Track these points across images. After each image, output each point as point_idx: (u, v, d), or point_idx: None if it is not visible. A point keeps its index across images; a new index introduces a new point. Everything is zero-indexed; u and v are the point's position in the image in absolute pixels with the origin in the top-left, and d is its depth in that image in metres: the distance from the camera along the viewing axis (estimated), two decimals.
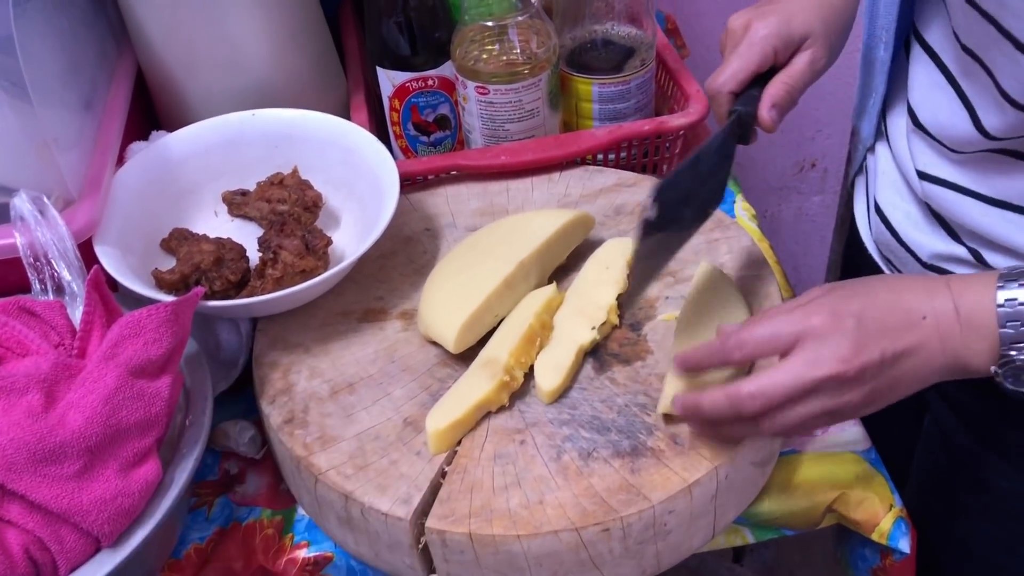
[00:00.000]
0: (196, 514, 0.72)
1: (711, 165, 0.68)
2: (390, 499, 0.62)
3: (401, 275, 0.79)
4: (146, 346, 0.61)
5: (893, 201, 0.75)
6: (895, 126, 0.74)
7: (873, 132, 0.78)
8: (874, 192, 0.78)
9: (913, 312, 0.56)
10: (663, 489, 0.61)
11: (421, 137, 0.94)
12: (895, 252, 0.75)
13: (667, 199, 0.61)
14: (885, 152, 0.77)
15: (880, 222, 0.76)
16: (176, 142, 0.83)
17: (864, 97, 0.78)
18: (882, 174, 0.76)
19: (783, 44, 0.70)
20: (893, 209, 0.75)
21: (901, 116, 0.73)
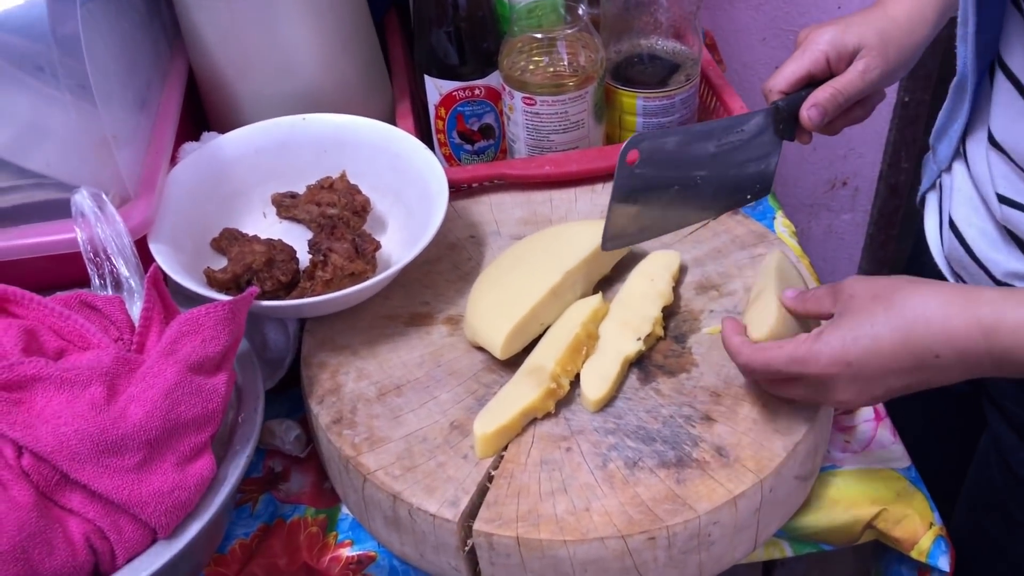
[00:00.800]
0: (241, 510, 0.73)
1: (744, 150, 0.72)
2: (438, 501, 0.63)
3: (446, 281, 0.80)
4: (204, 343, 0.62)
5: (968, 218, 0.76)
6: (975, 149, 0.75)
7: (951, 154, 0.80)
8: (948, 208, 0.80)
9: (922, 353, 0.56)
10: (708, 500, 0.61)
11: (465, 145, 0.95)
12: (967, 268, 0.77)
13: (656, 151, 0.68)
14: (962, 171, 0.78)
15: (954, 238, 0.78)
16: (228, 144, 0.84)
17: (949, 121, 0.79)
18: (958, 191, 0.78)
19: (836, 52, 0.73)
20: (968, 226, 0.76)
21: (981, 140, 0.74)
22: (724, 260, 0.79)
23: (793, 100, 0.73)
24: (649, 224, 0.73)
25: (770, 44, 1.38)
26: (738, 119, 0.73)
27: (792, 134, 0.75)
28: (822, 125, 0.73)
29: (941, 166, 0.83)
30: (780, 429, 0.65)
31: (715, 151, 0.72)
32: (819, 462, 0.70)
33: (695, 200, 0.74)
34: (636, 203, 0.70)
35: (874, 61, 0.73)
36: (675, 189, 0.71)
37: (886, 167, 1.53)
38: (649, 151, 0.68)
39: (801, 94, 0.73)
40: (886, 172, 1.53)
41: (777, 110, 0.73)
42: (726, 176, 0.73)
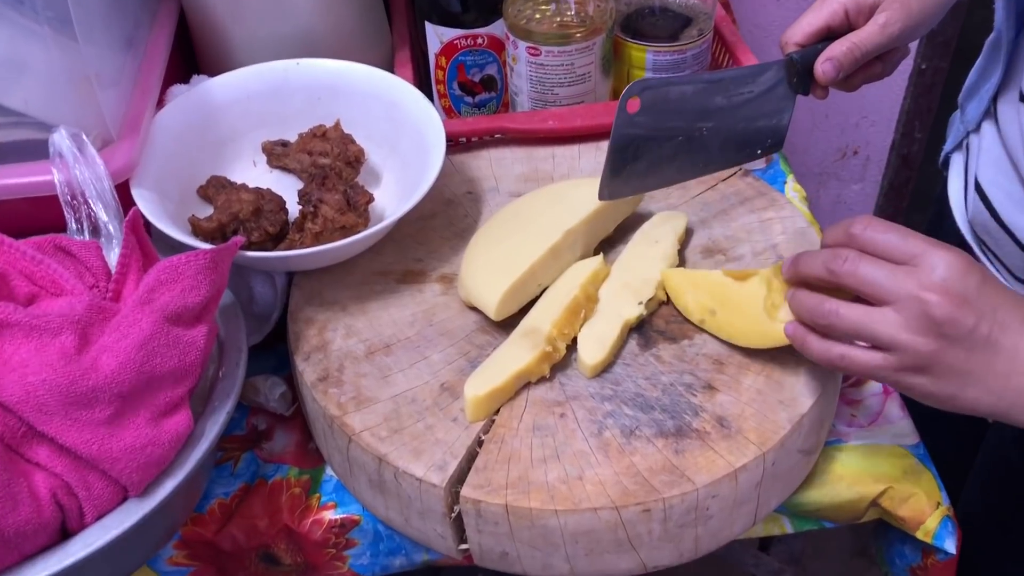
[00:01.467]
0: (221, 469, 0.70)
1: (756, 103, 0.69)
2: (425, 464, 0.60)
3: (441, 238, 0.77)
4: (183, 293, 0.59)
5: (996, 180, 0.73)
6: (1006, 109, 0.72)
7: (980, 114, 0.77)
8: (975, 169, 0.76)
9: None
10: (707, 472, 0.59)
11: (466, 97, 0.91)
12: (992, 233, 0.74)
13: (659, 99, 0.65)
14: (991, 132, 0.75)
15: (979, 200, 0.75)
16: (218, 87, 0.81)
17: (981, 79, 0.76)
18: (986, 152, 0.75)
19: (855, 5, 0.69)
20: (995, 188, 0.73)
21: (1012, 99, 0.71)
22: (731, 223, 0.76)
23: (808, 53, 0.70)
24: (649, 176, 0.70)
25: (785, 6, 1.33)
26: (750, 70, 0.69)
27: (807, 88, 0.71)
28: (838, 80, 0.69)
29: (969, 126, 0.79)
30: (785, 400, 0.62)
31: (724, 103, 0.68)
32: (824, 436, 0.67)
33: (700, 153, 0.70)
34: (636, 153, 0.67)
35: (896, 14, 0.68)
36: (679, 140, 0.68)
37: (899, 137, 1.49)
38: (651, 99, 0.65)
39: (817, 47, 0.69)
40: (899, 142, 1.49)
41: (791, 63, 0.70)
42: (735, 129, 0.70)
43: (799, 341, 0.58)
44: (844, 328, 0.54)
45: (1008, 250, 0.71)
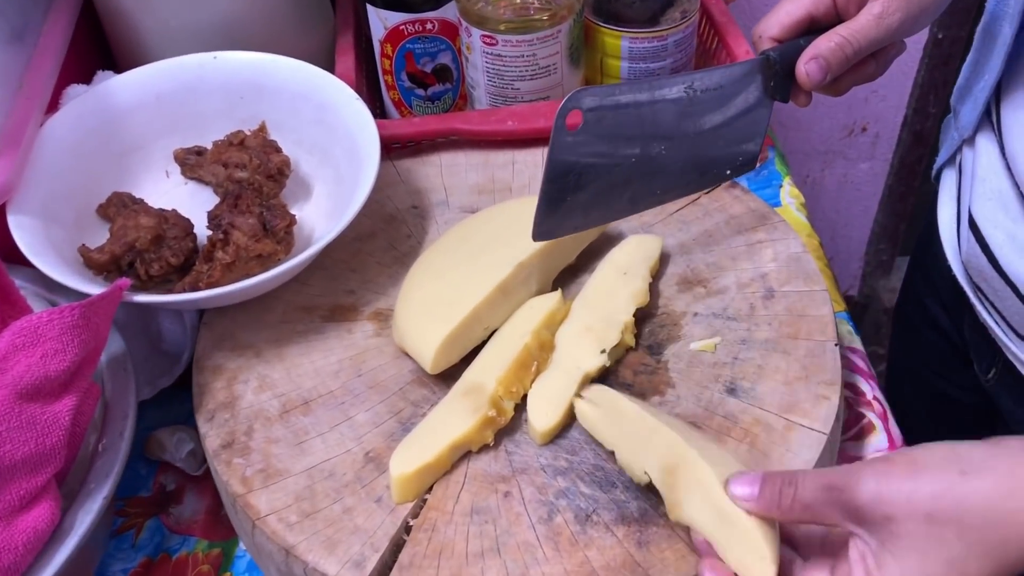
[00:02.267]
0: (122, 539, 0.61)
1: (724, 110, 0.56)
2: (339, 560, 0.50)
3: (379, 264, 0.66)
4: (44, 360, 0.49)
5: (994, 217, 0.60)
6: (1013, 116, 0.60)
7: (975, 120, 0.64)
8: (968, 200, 0.64)
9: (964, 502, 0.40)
10: (676, 571, 0.49)
11: (417, 90, 0.80)
12: (989, 280, 0.61)
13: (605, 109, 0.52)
14: (990, 151, 0.62)
15: (974, 240, 0.62)
16: (121, 88, 0.70)
17: (973, 76, 0.63)
18: (982, 181, 0.62)
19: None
20: (993, 228, 0.60)
21: (1020, 110, 0.59)
22: (715, 248, 0.65)
23: (788, 50, 0.58)
24: (595, 209, 0.57)
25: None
26: (716, 73, 0.57)
27: (786, 94, 0.59)
28: (824, 83, 0.58)
29: (964, 133, 0.67)
30: None
31: (686, 114, 0.56)
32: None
33: (658, 178, 0.58)
34: (578, 181, 0.54)
35: (894, 3, 0.56)
36: (631, 163, 0.56)
37: (911, 112, 1.37)
38: (596, 113, 0.53)
39: (799, 43, 0.58)
40: (911, 118, 1.37)
41: (768, 62, 0.58)
42: (699, 145, 0.58)
43: None
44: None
45: (1009, 303, 0.59)
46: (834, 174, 1.45)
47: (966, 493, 0.39)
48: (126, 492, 0.63)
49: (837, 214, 1.51)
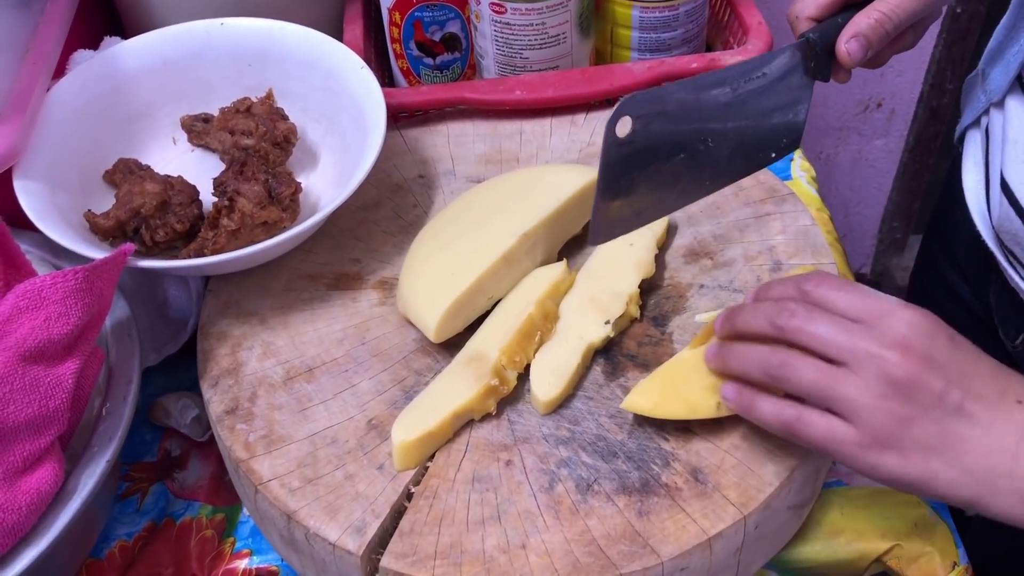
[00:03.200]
0: (127, 503, 0.61)
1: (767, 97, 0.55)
2: (340, 526, 0.50)
3: (384, 233, 0.66)
4: (47, 323, 0.49)
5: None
6: None
7: (1006, 85, 0.63)
8: (1000, 163, 0.63)
9: (1012, 389, 0.44)
10: (676, 541, 0.49)
11: (425, 59, 0.80)
12: (1022, 242, 0.61)
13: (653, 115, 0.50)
14: (1021, 113, 0.61)
15: (1007, 202, 0.61)
16: (128, 53, 0.69)
17: (1007, 40, 0.62)
18: (1013, 143, 0.61)
19: None
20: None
21: None
22: (723, 219, 0.64)
23: (828, 30, 0.57)
24: (648, 207, 0.56)
25: None
26: (757, 61, 0.56)
27: (827, 73, 0.58)
28: (864, 60, 0.57)
29: (992, 96, 0.66)
30: (773, 448, 0.52)
31: (730, 105, 0.55)
32: (820, 483, 0.57)
33: (707, 169, 0.57)
34: (630, 184, 0.53)
35: None
36: (680, 159, 0.55)
37: (928, 88, 1.35)
38: (645, 118, 0.50)
39: (837, 20, 0.57)
40: (927, 94, 1.35)
41: (808, 44, 0.57)
42: (744, 133, 0.57)
43: (744, 403, 0.49)
44: (798, 384, 0.46)
45: None
46: (848, 150, 1.44)
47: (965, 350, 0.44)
48: (131, 457, 0.64)
49: (851, 191, 1.50)
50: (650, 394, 0.52)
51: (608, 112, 0.72)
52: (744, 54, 0.74)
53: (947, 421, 0.43)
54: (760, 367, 0.47)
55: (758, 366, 0.47)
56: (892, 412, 0.43)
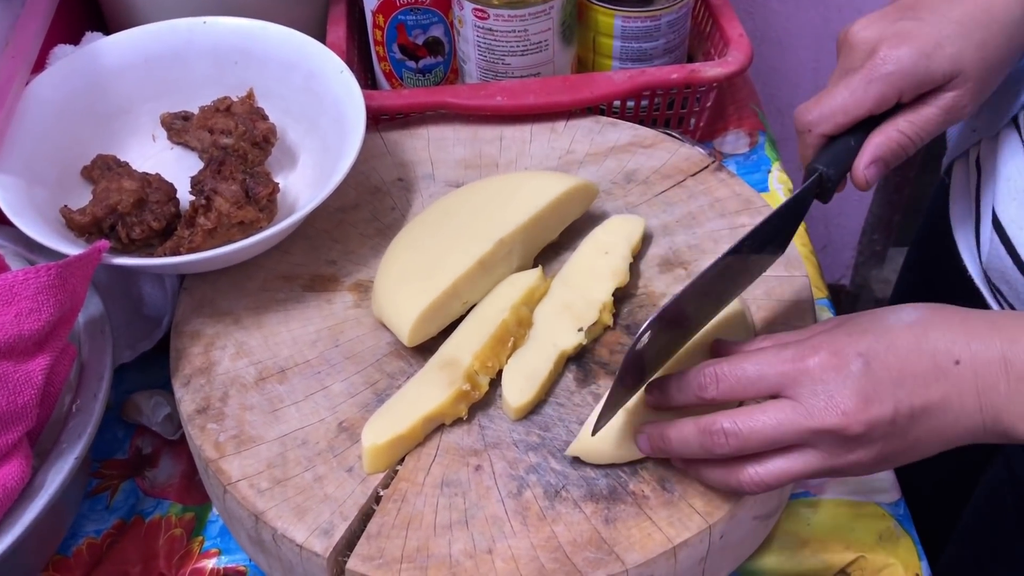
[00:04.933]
0: (96, 500, 0.61)
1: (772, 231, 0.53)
2: (307, 527, 0.50)
3: (361, 235, 0.66)
4: (18, 319, 0.49)
5: (1020, 219, 0.58)
6: None
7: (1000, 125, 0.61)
8: (991, 200, 0.61)
9: (941, 356, 0.44)
10: (641, 549, 0.49)
11: (408, 62, 0.80)
12: (1012, 283, 0.60)
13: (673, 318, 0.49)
14: (1015, 149, 0.59)
15: (997, 239, 0.60)
16: (109, 49, 0.69)
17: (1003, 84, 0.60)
18: (1006, 180, 0.60)
19: (914, 85, 0.52)
20: (1019, 229, 0.58)
21: None
22: (698, 230, 0.65)
23: (840, 158, 0.53)
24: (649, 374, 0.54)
25: None
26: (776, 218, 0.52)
27: (828, 197, 0.55)
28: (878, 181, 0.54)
29: (983, 132, 0.64)
30: None
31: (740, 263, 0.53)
32: (787, 495, 0.58)
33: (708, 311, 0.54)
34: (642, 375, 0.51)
35: (966, 95, 0.51)
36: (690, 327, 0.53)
37: None
38: (664, 323, 0.48)
39: (850, 144, 0.53)
40: None
41: (821, 180, 0.53)
42: (744, 274, 0.55)
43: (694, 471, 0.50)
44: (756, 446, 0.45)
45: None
46: None
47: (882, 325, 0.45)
48: (102, 454, 0.63)
49: (832, 203, 1.50)
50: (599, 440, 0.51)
51: (587, 119, 0.73)
52: (724, 67, 0.74)
53: (915, 425, 0.43)
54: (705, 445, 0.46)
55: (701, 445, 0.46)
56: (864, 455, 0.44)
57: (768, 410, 0.44)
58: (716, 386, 0.46)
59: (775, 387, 0.45)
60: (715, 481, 0.48)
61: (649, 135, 0.72)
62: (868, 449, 0.43)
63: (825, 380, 0.43)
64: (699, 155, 0.70)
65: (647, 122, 0.76)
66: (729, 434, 0.45)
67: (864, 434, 0.43)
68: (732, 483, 0.47)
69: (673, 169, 0.69)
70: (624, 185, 0.68)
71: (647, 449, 0.50)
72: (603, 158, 0.70)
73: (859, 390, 0.43)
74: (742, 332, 0.56)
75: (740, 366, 0.46)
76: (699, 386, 0.47)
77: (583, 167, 0.70)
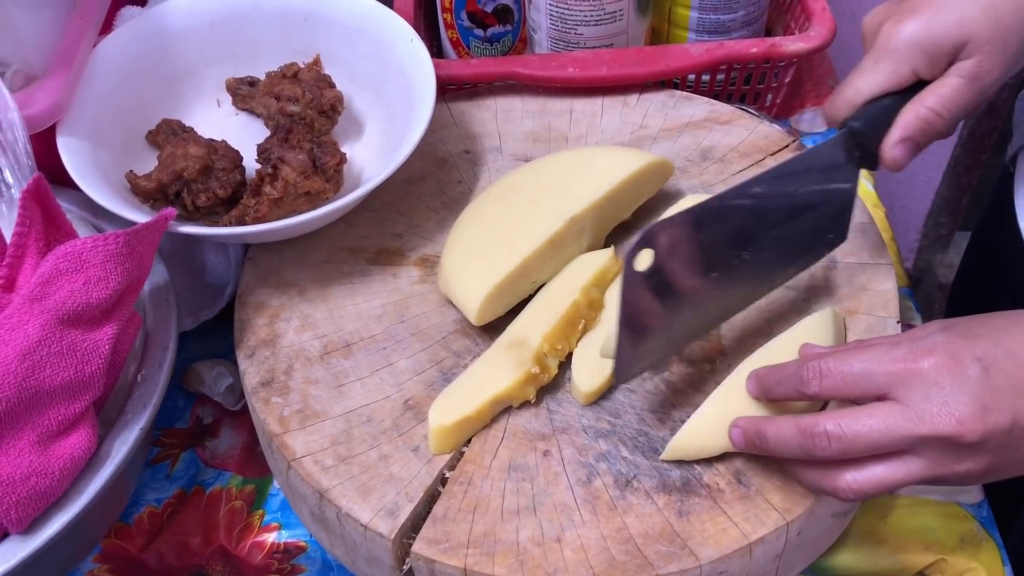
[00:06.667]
0: (157, 469, 0.61)
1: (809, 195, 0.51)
2: (372, 507, 0.49)
3: (427, 208, 0.65)
4: (87, 287, 0.48)
5: None
6: None
7: None
8: None
9: None
10: (715, 544, 0.47)
11: (476, 30, 0.78)
12: None
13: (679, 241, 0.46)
14: None
15: None
16: (175, 11, 0.68)
17: None
18: None
19: (926, 59, 0.50)
20: None
21: None
22: None
23: (873, 117, 0.51)
24: (679, 335, 0.53)
25: None
26: (798, 162, 0.51)
27: (875, 162, 0.53)
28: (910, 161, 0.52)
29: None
30: None
31: (765, 210, 0.51)
32: None
33: (744, 284, 0.53)
34: (657, 318, 0.49)
35: (988, 60, 0.49)
36: (713, 277, 0.50)
37: None
38: (668, 245, 0.46)
39: (885, 104, 0.51)
40: None
41: (852, 135, 0.52)
42: (785, 238, 0.53)
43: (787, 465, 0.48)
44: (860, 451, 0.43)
45: None
46: None
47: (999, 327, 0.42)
48: (163, 423, 0.63)
49: (898, 184, 1.46)
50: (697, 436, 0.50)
51: (661, 93, 0.70)
52: (807, 41, 0.71)
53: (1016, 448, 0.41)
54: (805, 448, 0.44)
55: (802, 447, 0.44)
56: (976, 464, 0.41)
57: (875, 413, 0.42)
58: (820, 381, 0.44)
59: (883, 387, 0.42)
60: (808, 482, 0.46)
61: (726, 111, 0.69)
62: (978, 460, 0.41)
63: (940, 384, 0.41)
64: (778, 133, 0.67)
65: (722, 97, 0.74)
66: (832, 437, 0.42)
67: (979, 443, 0.40)
68: (827, 487, 0.44)
69: (751, 147, 0.66)
70: (699, 163, 0.66)
71: (741, 444, 0.47)
72: (677, 134, 0.68)
73: (976, 397, 0.40)
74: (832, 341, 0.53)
75: (847, 361, 0.43)
76: (801, 380, 0.45)
77: (656, 143, 0.67)
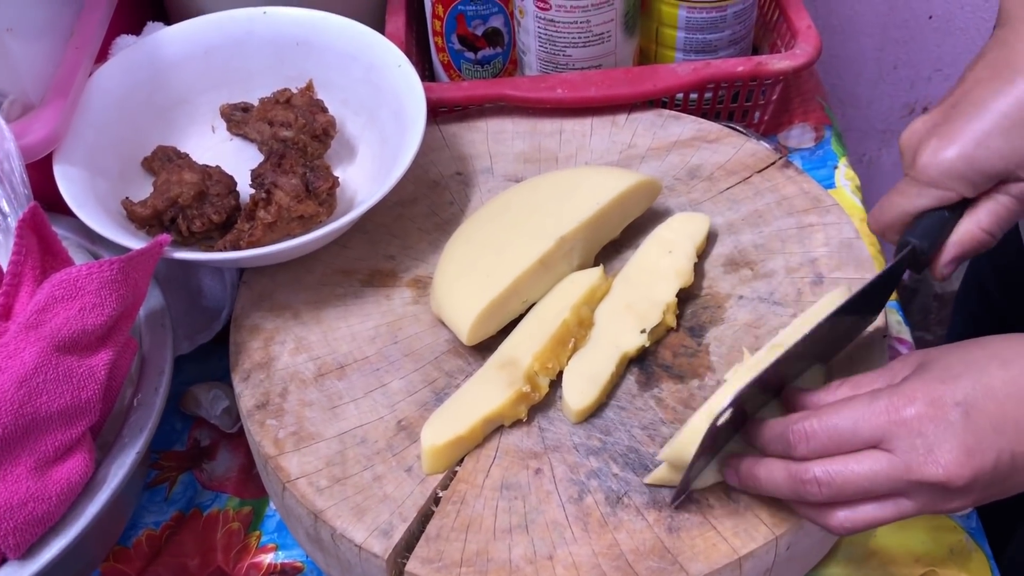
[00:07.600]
0: (155, 492, 0.62)
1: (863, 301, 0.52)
2: (367, 527, 0.50)
3: (420, 230, 0.65)
4: (82, 313, 0.49)
5: None
6: None
7: None
8: None
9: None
10: (706, 559, 0.48)
11: (467, 53, 0.79)
12: None
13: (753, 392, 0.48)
14: None
15: None
16: (170, 40, 0.69)
17: None
18: None
19: (972, 187, 0.50)
20: None
21: None
22: (764, 228, 0.63)
23: (930, 233, 0.51)
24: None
25: None
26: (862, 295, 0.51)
27: (924, 268, 0.53)
28: None
29: None
30: None
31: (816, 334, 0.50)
32: None
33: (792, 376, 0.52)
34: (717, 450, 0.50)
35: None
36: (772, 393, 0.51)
37: None
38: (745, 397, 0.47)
39: (937, 218, 0.51)
40: None
41: (915, 254, 0.52)
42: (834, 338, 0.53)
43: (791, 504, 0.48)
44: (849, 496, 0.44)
45: None
46: (892, 154, 1.41)
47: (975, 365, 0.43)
48: (161, 446, 0.64)
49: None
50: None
51: (649, 112, 0.71)
52: (792, 59, 0.72)
53: (1016, 474, 0.42)
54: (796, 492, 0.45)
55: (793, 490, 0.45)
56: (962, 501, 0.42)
57: (863, 461, 0.43)
58: (807, 444, 0.44)
59: (869, 442, 0.43)
60: (802, 515, 0.47)
61: (713, 129, 0.70)
62: (966, 498, 0.42)
63: (924, 433, 0.42)
64: (765, 150, 0.68)
65: (710, 115, 0.75)
66: (822, 484, 0.43)
67: (966, 486, 0.41)
68: (820, 523, 0.45)
69: (738, 165, 0.67)
70: (687, 181, 0.67)
71: (734, 483, 0.48)
72: (666, 153, 0.69)
73: (960, 443, 0.41)
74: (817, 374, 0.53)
75: (831, 422, 0.44)
76: (789, 445, 0.45)
77: (645, 162, 0.68)
